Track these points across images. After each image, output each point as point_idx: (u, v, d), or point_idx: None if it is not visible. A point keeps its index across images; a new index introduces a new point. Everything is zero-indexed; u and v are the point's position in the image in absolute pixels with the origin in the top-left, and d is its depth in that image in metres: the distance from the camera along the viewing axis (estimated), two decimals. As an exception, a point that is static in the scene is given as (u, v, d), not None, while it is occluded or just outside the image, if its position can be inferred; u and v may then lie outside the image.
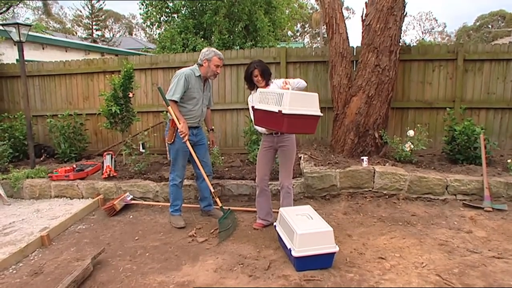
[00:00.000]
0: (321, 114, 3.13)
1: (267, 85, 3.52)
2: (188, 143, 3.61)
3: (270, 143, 3.56)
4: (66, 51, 11.13)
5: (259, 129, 3.58)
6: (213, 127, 4.22)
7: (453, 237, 3.31)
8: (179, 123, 3.54)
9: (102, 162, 4.99)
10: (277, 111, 2.91)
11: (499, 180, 4.15)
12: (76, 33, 32.02)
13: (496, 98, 5.38)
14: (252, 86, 3.58)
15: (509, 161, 4.54)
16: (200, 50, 3.81)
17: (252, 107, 3.33)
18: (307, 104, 3.03)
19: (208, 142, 4.12)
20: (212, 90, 4.02)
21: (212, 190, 3.75)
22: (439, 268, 2.78)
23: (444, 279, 2.62)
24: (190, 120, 3.69)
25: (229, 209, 3.80)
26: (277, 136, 3.50)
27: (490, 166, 4.61)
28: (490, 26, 36.51)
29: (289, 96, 2.89)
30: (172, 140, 3.65)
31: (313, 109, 3.07)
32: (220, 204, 3.73)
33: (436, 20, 44.97)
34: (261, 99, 3.21)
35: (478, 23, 38.03)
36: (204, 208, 4.05)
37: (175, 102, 3.55)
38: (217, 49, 4.19)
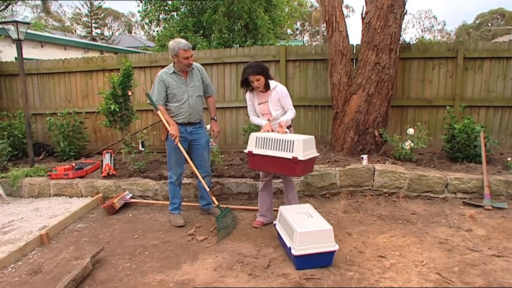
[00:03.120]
0: (318, 154, 3.42)
1: (266, 88, 3.51)
2: (180, 145, 3.58)
3: None
4: (65, 49, 11.11)
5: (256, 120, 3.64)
6: (215, 117, 4.00)
7: (453, 236, 3.31)
8: (169, 126, 3.54)
9: (102, 161, 4.98)
10: (290, 157, 3.06)
11: (499, 178, 4.15)
12: (75, 31, 31.98)
13: (496, 96, 5.37)
14: (249, 86, 3.59)
15: (509, 159, 4.53)
16: (200, 49, 3.76)
17: (250, 152, 3.31)
18: (311, 147, 3.25)
19: (211, 138, 4.06)
20: (204, 77, 3.81)
21: (208, 190, 3.74)
22: (439, 267, 2.78)
23: (444, 278, 2.62)
24: (179, 117, 3.65)
25: (226, 207, 3.79)
26: None
27: (490, 164, 4.61)
28: (489, 24, 36.52)
29: (302, 143, 3.06)
30: (165, 137, 3.64)
31: (315, 150, 3.33)
32: (216, 203, 3.72)
33: (436, 18, 45.01)
34: (260, 144, 3.25)
35: (477, 21, 38.05)
36: (204, 206, 4.04)
37: (161, 105, 3.58)
38: (217, 47, 4.15)
